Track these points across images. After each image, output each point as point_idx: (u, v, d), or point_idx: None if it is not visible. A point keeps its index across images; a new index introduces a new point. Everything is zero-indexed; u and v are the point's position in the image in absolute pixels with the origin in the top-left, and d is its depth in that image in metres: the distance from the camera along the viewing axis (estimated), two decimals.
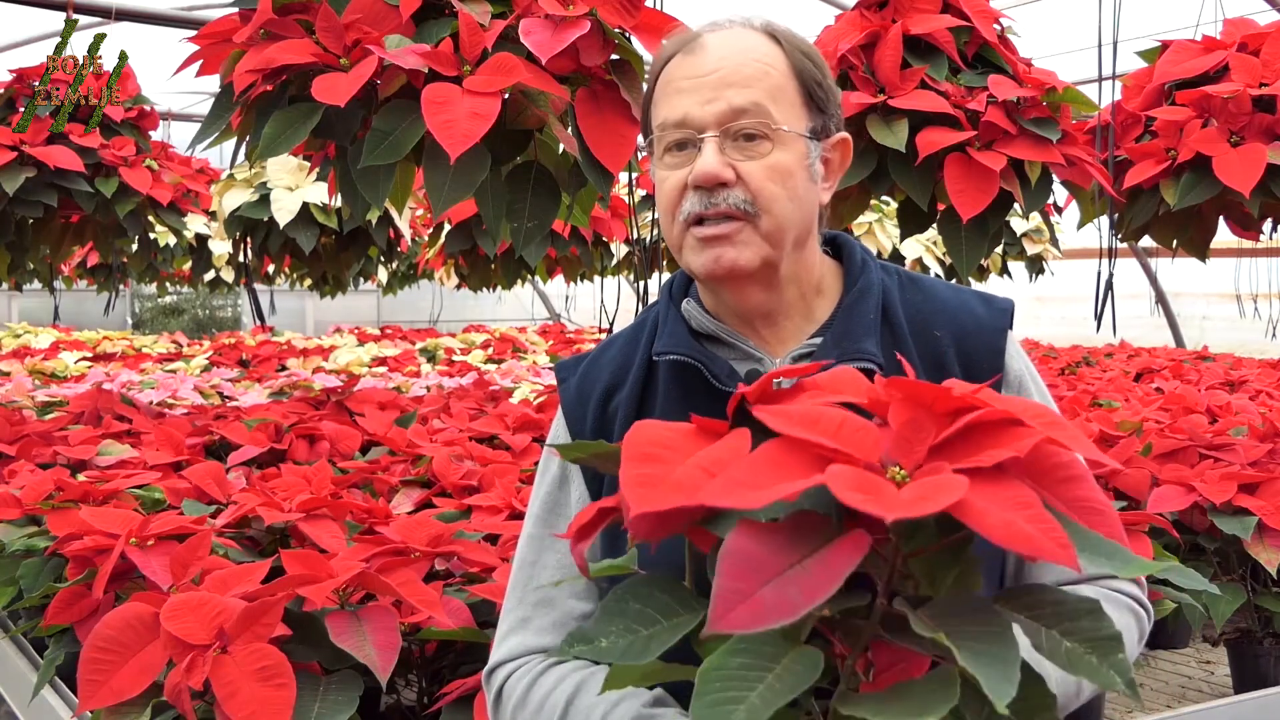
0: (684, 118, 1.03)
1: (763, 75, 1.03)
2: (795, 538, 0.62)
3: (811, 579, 0.60)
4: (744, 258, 1.03)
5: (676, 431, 0.72)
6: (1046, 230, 6.32)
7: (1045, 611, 0.66)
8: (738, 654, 0.63)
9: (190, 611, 1.47)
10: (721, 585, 0.60)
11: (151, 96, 3.58)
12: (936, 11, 2.37)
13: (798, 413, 0.69)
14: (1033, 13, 6.40)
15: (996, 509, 0.61)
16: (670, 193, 1.05)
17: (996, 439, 0.66)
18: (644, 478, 0.67)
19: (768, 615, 0.59)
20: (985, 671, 0.58)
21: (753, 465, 0.65)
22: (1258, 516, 2.36)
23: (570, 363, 1.18)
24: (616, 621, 0.69)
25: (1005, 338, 1.10)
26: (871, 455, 0.66)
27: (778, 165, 1.02)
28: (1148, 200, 2.68)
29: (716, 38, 1.05)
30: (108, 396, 3.71)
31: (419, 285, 9.31)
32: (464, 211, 3.90)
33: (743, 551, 0.61)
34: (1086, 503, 0.66)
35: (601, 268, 5.23)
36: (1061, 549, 0.60)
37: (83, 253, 6.98)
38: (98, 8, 3.26)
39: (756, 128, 1.02)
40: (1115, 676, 0.63)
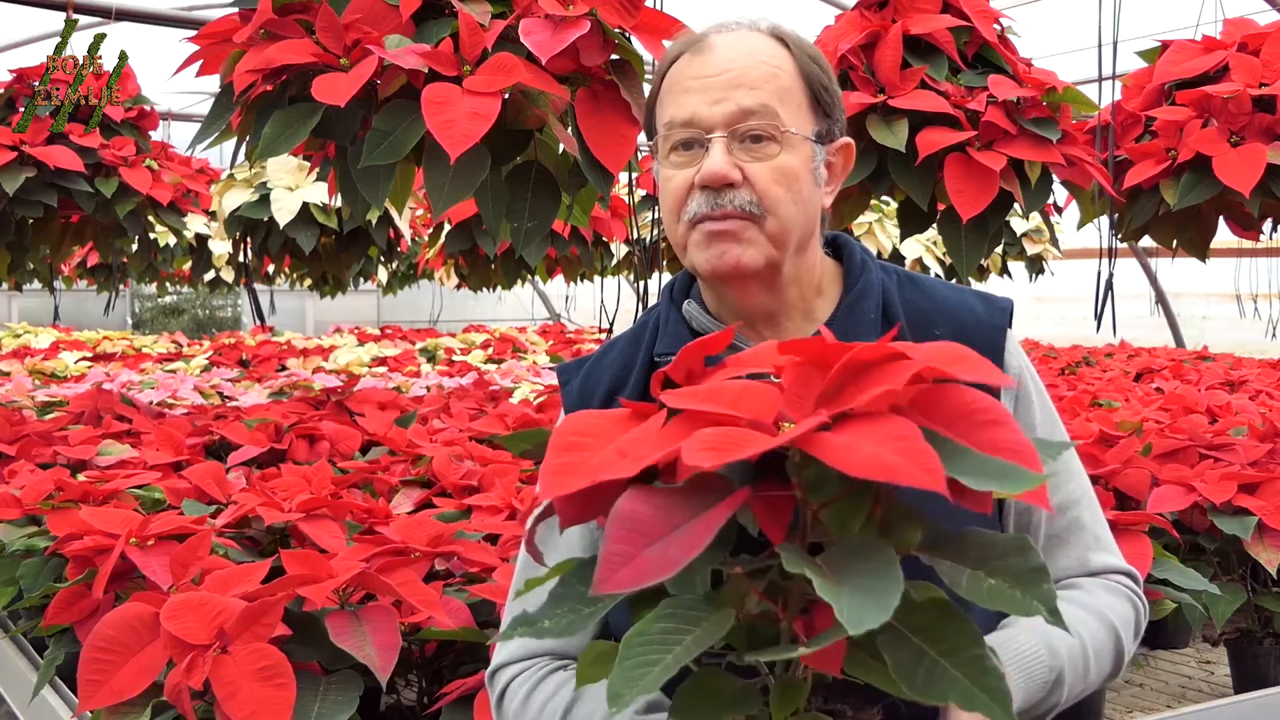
0: (692, 117, 1.03)
1: (771, 77, 1.03)
2: (687, 500, 0.64)
3: (690, 535, 0.62)
4: (748, 256, 1.03)
5: (606, 418, 0.73)
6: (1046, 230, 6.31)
7: (971, 553, 0.67)
8: (661, 619, 0.65)
9: (190, 611, 1.47)
10: (607, 549, 0.62)
11: (151, 96, 3.58)
12: (936, 11, 2.36)
13: (703, 389, 0.71)
14: (1033, 13, 6.40)
15: (861, 444, 0.61)
16: (676, 192, 1.05)
17: (879, 378, 0.66)
18: (561, 466, 0.68)
19: (649, 573, 0.60)
20: (842, 597, 0.59)
21: (640, 439, 0.67)
22: (1258, 516, 2.36)
23: (572, 365, 1.18)
24: (561, 604, 0.70)
25: (1005, 336, 1.10)
26: (764, 415, 0.67)
27: (784, 167, 1.03)
28: (1148, 200, 2.68)
29: (724, 39, 1.05)
30: (108, 396, 3.71)
31: (419, 285, 9.31)
32: (464, 211, 3.90)
33: (629, 515, 0.63)
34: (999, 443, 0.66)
35: (601, 268, 5.23)
36: (927, 473, 0.59)
37: (83, 253, 6.98)
38: (98, 8, 3.26)
39: (764, 129, 1.02)
40: (1039, 605, 0.63)
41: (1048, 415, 1.12)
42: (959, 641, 0.65)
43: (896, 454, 0.61)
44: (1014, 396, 1.09)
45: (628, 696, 0.61)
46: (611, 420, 0.72)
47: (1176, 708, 2.33)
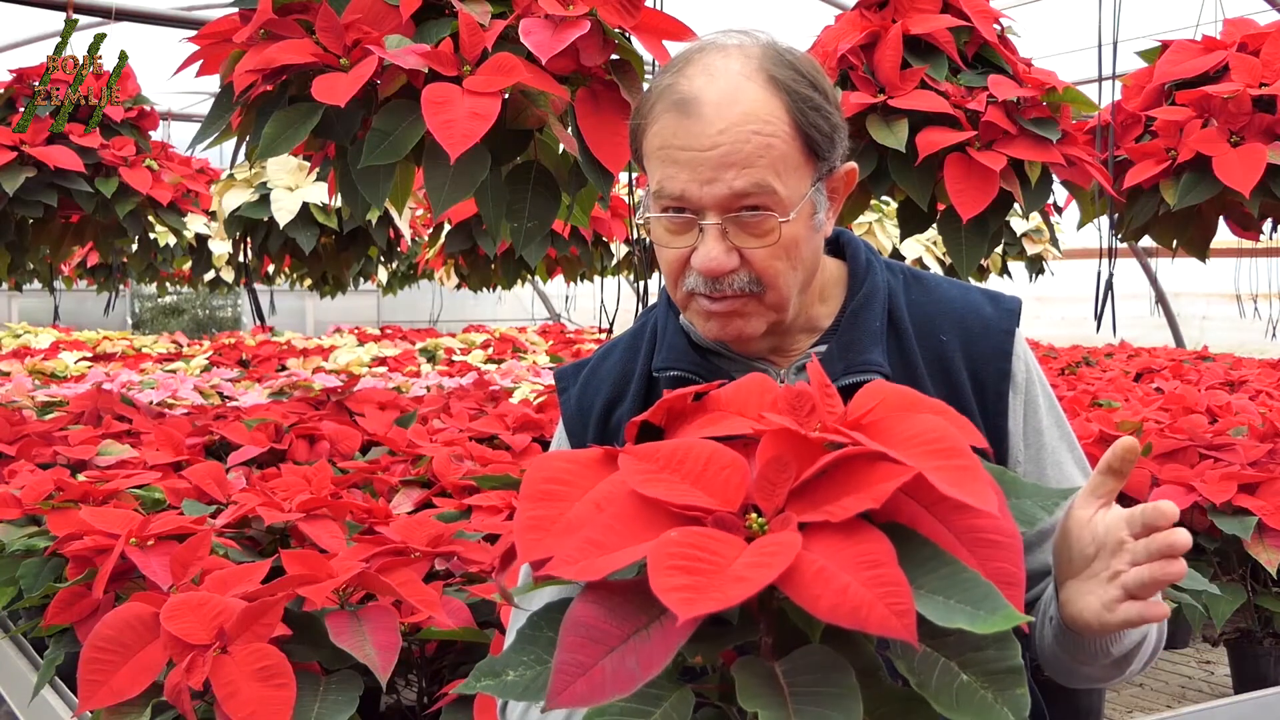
0: (682, 195, 0.97)
1: (764, 149, 0.96)
2: (644, 599, 0.59)
3: (651, 648, 0.57)
4: (750, 327, 1.02)
5: (578, 463, 0.70)
6: (1046, 230, 6.32)
7: (948, 640, 0.61)
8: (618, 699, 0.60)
9: (190, 611, 1.47)
10: (560, 658, 0.58)
11: (151, 96, 3.58)
12: (936, 11, 2.36)
13: (665, 454, 0.66)
14: (1033, 13, 6.39)
15: (832, 573, 0.57)
16: (671, 262, 1.02)
17: (861, 479, 0.62)
18: (534, 521, 0.65)
19: (605, 689, 0.57)
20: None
21: (603, 525, 0.62)
22: (1258, 516, 2.36)
23: (570, 371, 1.16)
24: (527, 651, 0.66)
25: (1013, 340, 1.08)
26: (731, 503, 0.63)
27: (783, 243, 0.99)
28: (1148, 200, 2.68)
29: (713, 93, 0.96)
30: (108, 396, 3.71)
31: (419, 285, 9.30)
32: (464, 211, 3.90)
33: (584, 621, 0.59)
34: (979, 533, 0.62)
35: (601, 268, 5.23)
36: (896, 616, 0.55)
37: (83, 253, 6.98)
38: (98, 8, 3.26)
39: (760, 206, 0.97)
40: (1009, 715, 0.59)
41: (1055, 419, 1.11)
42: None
43: (867, 587, 0.56)
44: (1022, 402, 1.08)
45: None
46: (585, 465, 0.69)
47: (1176, 708, 2.33)
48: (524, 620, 0.67)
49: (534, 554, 0.63)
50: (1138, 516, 0.82)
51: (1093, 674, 0.97)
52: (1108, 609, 0.82)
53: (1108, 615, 0.82)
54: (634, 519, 0.63)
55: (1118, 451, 0.85)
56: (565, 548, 0.62)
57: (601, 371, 1.13)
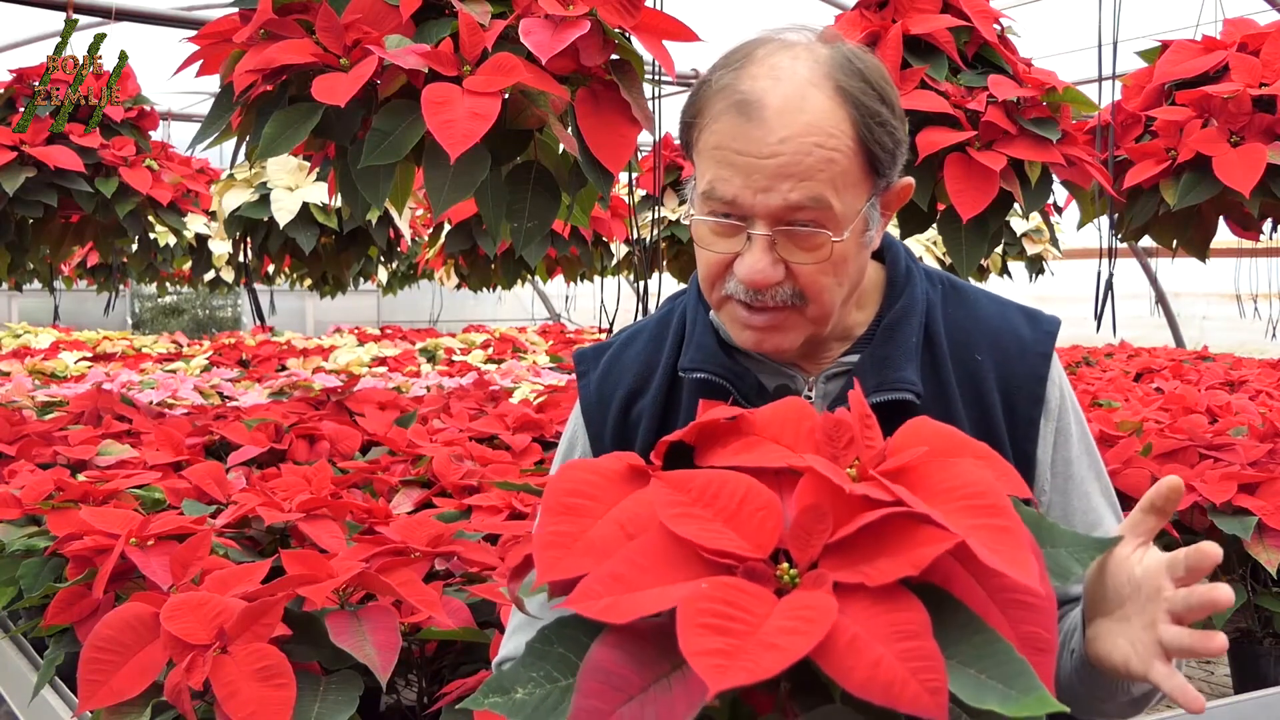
0: (734, 200, 0.93)
1: (826, 164, 0.92)
2: (667, 645, 0.57)
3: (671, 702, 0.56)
4: (788, 341, 0.99)
5: (603, 475, 0.68)
6: (1046, 230, 6.31)
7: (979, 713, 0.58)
8: None
9: (190, 611, 1.47)
10: (578, 703, 0.57)
11: (151, 96, 3.58)
12: (936, 11, 2.36)
13: (699, 483, 0.65)
14: (1033, 13, 6.39)
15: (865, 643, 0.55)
16: (711, 264, 0.98)
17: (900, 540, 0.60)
18: (555, 537, 0.63)
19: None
20: None
21: (632, 560, 0.61)
22: (1258, 516, 2.36)
23: (590, 353, 1.13)
24: (537, 667, 0.64)
25: (1049, 364, 1.05)
26: (764, 548, 0.62)
27: (833, 259, 0.95)
28: (1148, 200, 2.68)
29: (778, 97, 0.92)
30: (108, 396, 3.71)
31: (419, 285, 9.30)
32: (464, 211, 3.90)
33: (605, 666, 0.58)
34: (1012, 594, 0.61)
35: (601, 268, 5.23)
36: (929, 694, 0.54)
37: (83, 253, 6.98)
38: (98, 8, 3.26)
39: (814, 221, 0.93)
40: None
41: (1085, 448, 1.08)
42: None
43: (901, 660, 0.55)
44: (1053, 430, 1.05)
45: None
46: (609, 479, 0.68)
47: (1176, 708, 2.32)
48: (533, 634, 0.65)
49: (554, 574, 0.62)
50: (1180, 561, 0.77)
51: (1107, 710, 0.93)
52: (1139, 656, 0.78)
53: (1136, 663, 0.78)
54: (663, 558, 0.61)
55: (1162, 490, 0.82)
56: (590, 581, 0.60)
57: (625, 359, 1.10)
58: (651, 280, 2.98)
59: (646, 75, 1.90)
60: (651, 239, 3.78)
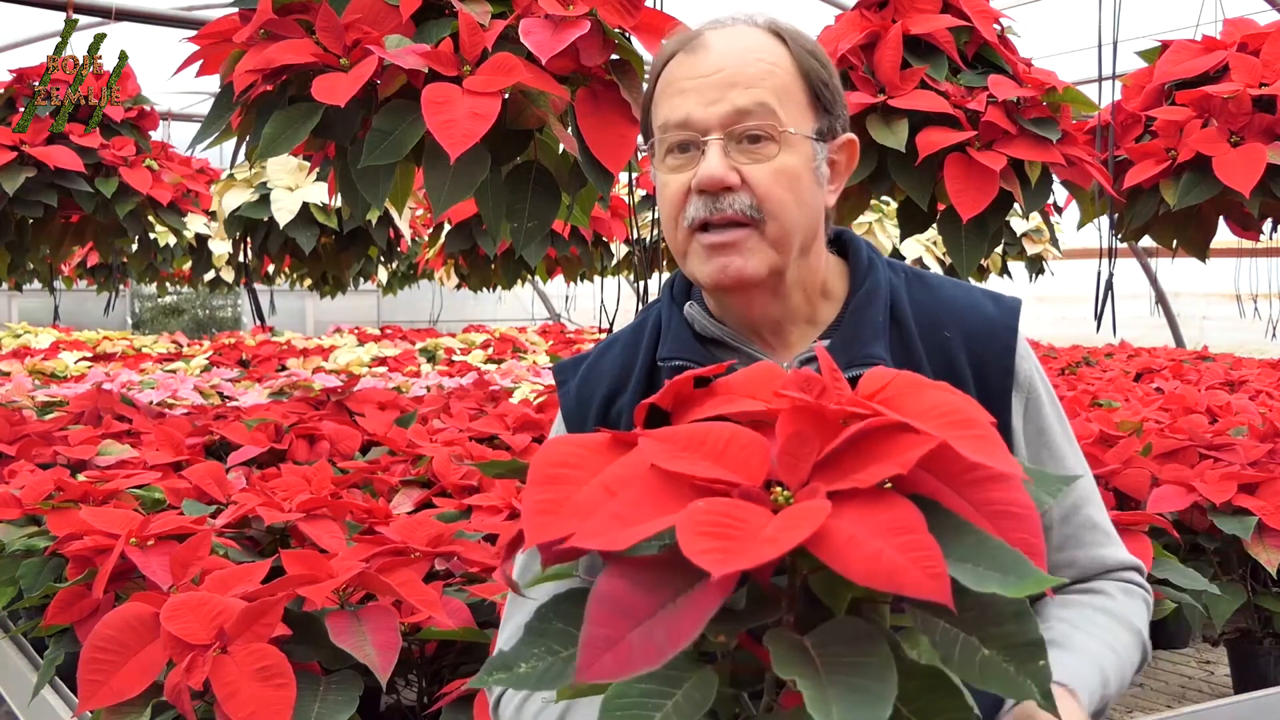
0: (686, 119, 1.00)
1: (768, 74, 1.00)
2: (672, 573, 0.59)
3: (678, 621, 0.57)
4: (751, 266, 1.01)
5: (586, 447, 0.69)
6: (1046, 230, 6.32)
7: (967, 615, 0.62)
8: (640, 679, 0.60)
9: (190, 611, 1.47)
10: (589, 632, 0.58)
11: (151, 96, 3.58)
12: (936, 11, 2.36)
13: (683, 435, 0.66)
14: (1033, 13, 6.39)
15: (863, 538, 0.57)
16: (673, 197, 1.02)
17: (884, 450, 0.62)
18: (543, 504, 0.64)
19: (633, 663, 0.57)
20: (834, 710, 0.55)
21: (628, 500, 0.62)
22: (1258, 516, 2.36)
23: (569, 364, 1.16)
24: (538, 643, 0.66)
25: (1015, 337, 1.09)
26: (755, 478, 0.63)
27: (784, 168, 1.00)
28: (1148, 200, 2.68)
29: (719, 36, 1.02)
30: (108, 396, 3.71)
31: (419, 285, 9.29)
32: (464, 211, 3.90)
33: (612, 595, 0.59)
34: (998, 505, 0.63)
35: (601, 268, 5.22)
36: (931, 579, 0.56)
37: (83, 253, 6.98)
38: (98, 8, 3.26)
39: (762, 129, 0.99)
40: (1032, 687, 0.60)
41: (1057, 416, 1.11)
42: (951, 717, 0.61)
43: (899, 551, 0.57)
44: (1024, 400, 1.08)
45: None
46: (593, 449, 0.69)
47: (1176, 708, 2.33)
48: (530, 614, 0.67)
49: (543, 536, 0.63)
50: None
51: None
52: None
53: None
54: (657, 494, 0.63)
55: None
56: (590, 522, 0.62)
57: (602, 365, 1.13)
58: (651, 280, 2.98)
59: (646, 75, 1.90)
60: (651, 239, 3.78)
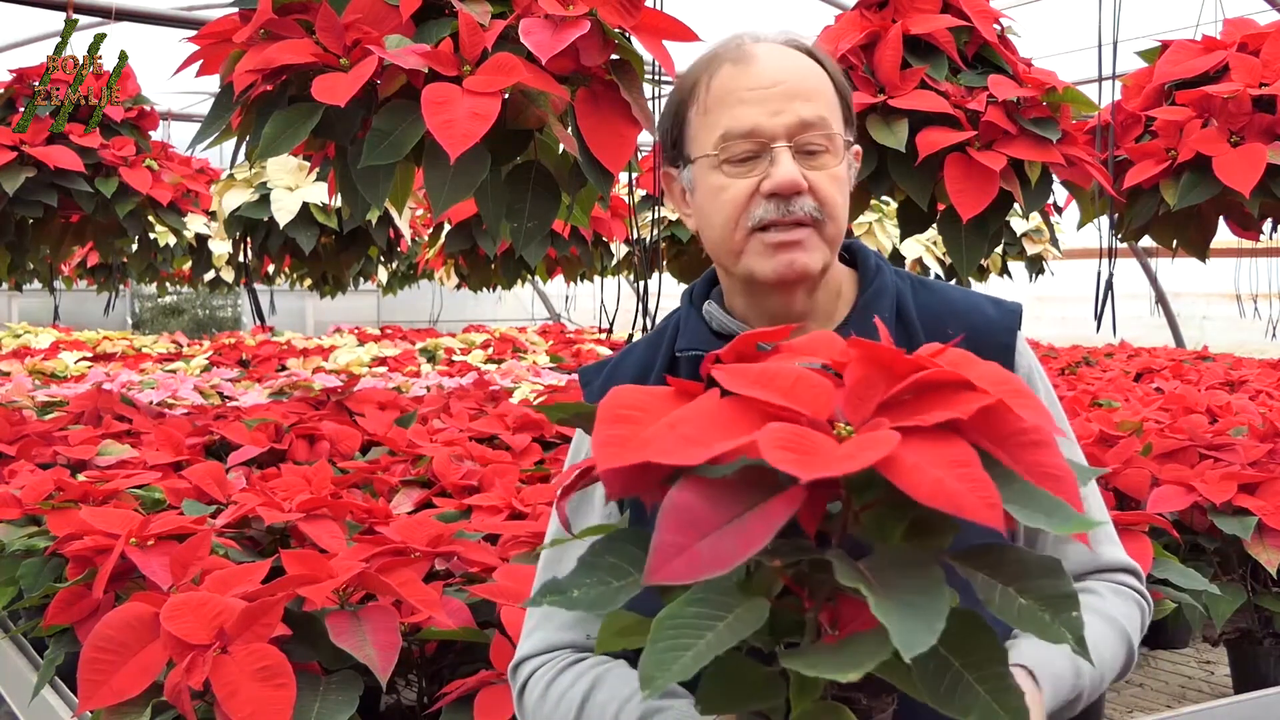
0: (754, 128, 1.05)
1: (822, 88, 1.07)
2: (740, 493, 0.63)
3: (747, 532, 0.61)
4: (814, 261, 1.07)
5: (652, 395, 0.72)
6: (1046, 230, 6.31)
7: (1006, 570, 0.66)
8: (693, 603, 0.64)
9: (190, 611, 1.47)
10: (660, 539, 0.61)
11: (151, 96, 3.58)
12: (936, 11, 2.36)
13: (754, 372, 0.69)
14: (1033, 13, 6.39)
15: (926, 466, 0.61)
16: (736, 199, 1.07)
17: (944, 400, 0.67)
18: (613, 438, 0.67)
19: (703, 567, 0.60)
20: (896, 619, 0.58)
21: (701, 423, 0.65)
22: (1258, 516, 2.36)
23: (593, 368, 1.21)
24: (591, 574, 0.70)
25: (1015, 337, 1.13)
26: (821, 412, 0.67)
27: (838, 175, 1.07)
28: (1148, 200, 2.68)
29: (765, 50, 1.08)
30: (108, 396, 3.71)
31: (419, 285, 9.30)
32: (464, 211, 3.90)
33: (683, 506, 0.62)
34: (1042, 467, 0.67)
35: (601, 268, 5.23)
36: (988, 508, 0.60)
37: (83, 253, 6.97)
38: (98, 8, 3.26)
39: (821, 140, 1.06)
40: (1066, 633, 0.63)
41: (1055, 415, 1.13)
42: (985, 655, 0.65)
43: (960, 481, 0.61)
44: None
45: (660, 680, 0.60)
46: (658, 396, 0.72)
47: (1176, 708, 2.33)
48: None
49: (613, 463, 0.65)
50: None
51: None
52: None
53: None
54: (729, 419, 0.65)
55: None
56: (660, 442, 0.64)
57: (625, 365, 1.18)
58: (651, 280, 2.98)
59: (646, 75, 1.90)
60: (651, 239, 3.78)
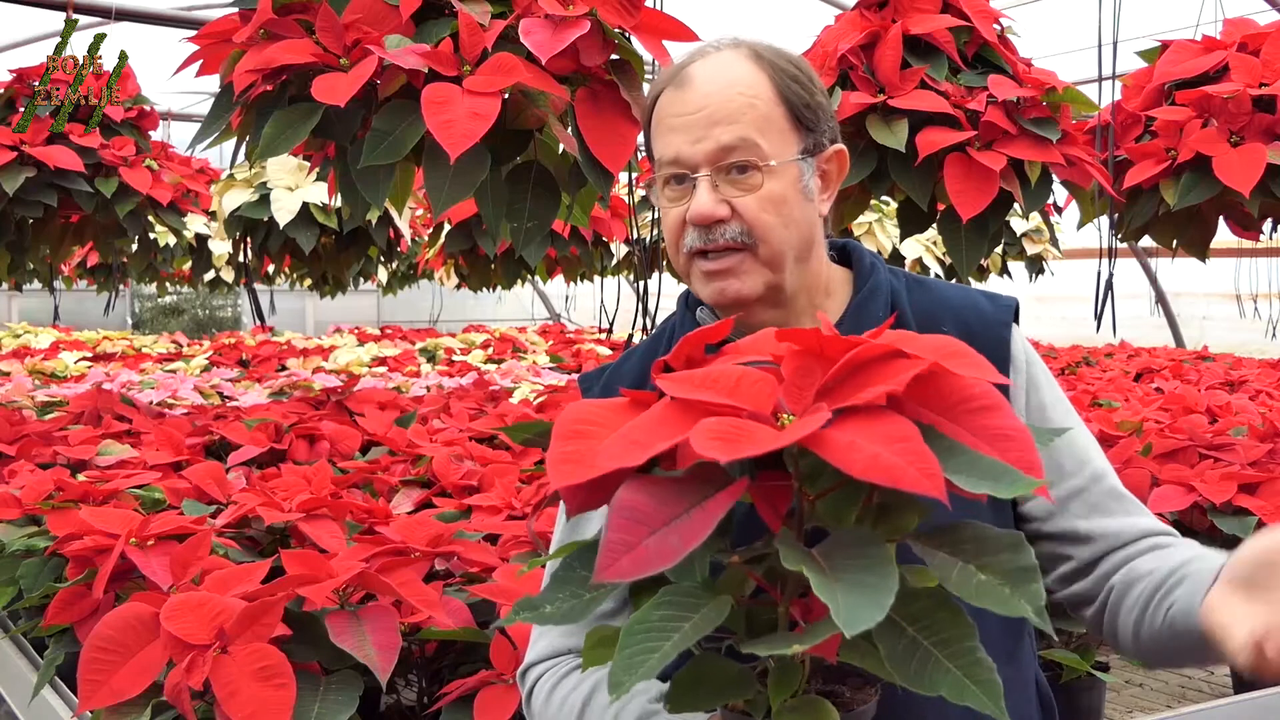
0: (676, 156, 1.06)
1: (748, 108, 1.04)
2: (686, 490, 0.65)
3: (691, 526, 0.62)
4: (747, 287, 1.06)
5: (607, 407, 0.73)
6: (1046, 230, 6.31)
7: (965, 547, 0.67)
8: (660, 606, 0.65)
9: (190, 611, 1.47)
10: (609, 538, 0.63)
11: (151, 96, 3.58)
12: (936, 11, 2.36)
13: (698, 376, 0.71)
14: (1033, 13, 6.39)
15: (862, 443, 0.62)
16: (672, 226, 1.08)
17: (880, 374, 0.67)
18: (567, 454, 0.68)
19: (649, 563, 0.61)
20: (840, 597, 0.59)
21: (646, 428, 0.67)
22: (1258, 516, 2.36)
23: (593, 374, 1.22)
24: (563, 588, 0.71)
25: (1010, 330, 1.13)
26: (763, 406, 0.68)
27: (770, 195, 1.05)
28: (1148, 200, 2.68)
29: (703, 69, 1.06)
30: (108, 396, 3.71)
31: (419, 285, 9.30)
32: (464, 211, 3.90)
33: (630, 505, 0.64)
34: (991, 430, 0.67)
35: (601, 268, 5.23)
36: (927, 478, 0.60)
37: (83, 253, 6.98)
38: (98, 8, 3.26)
39: (746, 162, 1.04)
40: (1025, 605, 0.63)
41: (1057, 396, 1.14)
42: (953, 633, 0.65)
43: (897, 455, 0.61)
44: (1024, 380, 1.11)
45: (628, 683, 0.62)
46: (613, 409, 0.73)
47: (1176, 708, 2.32)
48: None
49: (567, 480, 0.67)
50: None
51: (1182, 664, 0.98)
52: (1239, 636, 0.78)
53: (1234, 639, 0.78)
54: (674, 420, 0.67)
55: None
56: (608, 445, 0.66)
57: (623, 370, 1.18)
58: (651, 280, 2.98)
59: (646, 75, 1.90)
60: (651, 239, 3.78)
